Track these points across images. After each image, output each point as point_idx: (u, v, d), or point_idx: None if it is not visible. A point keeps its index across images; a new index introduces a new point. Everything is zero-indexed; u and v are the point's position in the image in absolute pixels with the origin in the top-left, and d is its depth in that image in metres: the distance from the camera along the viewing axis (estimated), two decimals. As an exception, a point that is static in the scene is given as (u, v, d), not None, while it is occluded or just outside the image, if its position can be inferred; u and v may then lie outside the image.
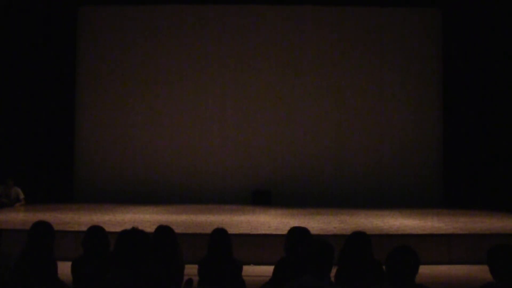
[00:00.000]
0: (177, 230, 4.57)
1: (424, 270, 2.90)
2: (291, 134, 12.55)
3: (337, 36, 12.71)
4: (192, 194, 12.17)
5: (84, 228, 7.36)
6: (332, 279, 3.52)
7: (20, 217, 8.98)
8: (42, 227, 3.94)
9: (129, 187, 12.22)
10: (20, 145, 11.74)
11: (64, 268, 3.85)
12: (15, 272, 3.01)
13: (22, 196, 10.83)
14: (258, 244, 7.06)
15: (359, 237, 3.99)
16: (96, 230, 3.96)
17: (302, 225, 4.45)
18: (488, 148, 11.63)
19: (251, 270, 5.94)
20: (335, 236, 7.05)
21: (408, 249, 2.92)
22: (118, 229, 7.23)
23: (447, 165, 12.29)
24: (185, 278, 4.22)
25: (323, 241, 3.16)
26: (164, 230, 4.33)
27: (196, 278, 4.17)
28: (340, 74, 12.67)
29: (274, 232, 7.45)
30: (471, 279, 6.18)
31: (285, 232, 4.20)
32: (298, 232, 4.08)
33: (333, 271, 3.48)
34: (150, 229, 4.23)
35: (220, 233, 4.26)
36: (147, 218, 8.97)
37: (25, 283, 2.91)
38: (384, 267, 3.02)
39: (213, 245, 4.18)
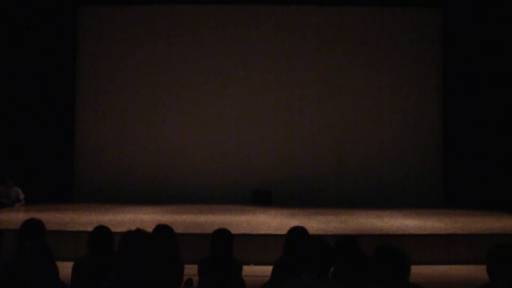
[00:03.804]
0: (177, 230, 4.57)
1: (424, 270, 2.90)
2: (291, 134, 12.55)
3: (337, 36, 12.71)
4: (192, 194, 12.17)
5: (84, 228, 7.39)
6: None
7: (20, 217, 8.97)
8: (33, 224, 3.96)
9: (129, 187, 12.23)
10: (20, 145, 11.74)
11: (64, 268, 3.86)
12: (10, 272, 3.01)
13: (22, 196, 10.84)
14: (258, 244, 7.06)
15: (346, 242, 4.01)
16: (102, 230, 3.97)
17: (302, 225, 4.45)
18: (488, 148, 11.63)
19: (251, 270, 5.94)
20: (335, 236, 7.05)
21: (393, 249, 2.92)
22: (118, 229, 7.23)
23: (447, 165, 12.29)
24: (185, 278, 4.22)
25: (321, 240, 3.17)
26: (163, 230, 4.33)
27: (196, 278, 4.18)
28: (340, 74, 12.67)
29: (274, 232, 7.46)
30: (471, 279, 6.18)
31: (285, 232, 4.21)
32: (298, 232, 4.09)
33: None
34: (150, 229, 4.22)
35: (222, 233, 4.26)
36: (147, 218, 8.98)
37: (23, 282, 2.92)
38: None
39: (214, 245, 4.19)
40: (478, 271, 6.28)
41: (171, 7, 12.72)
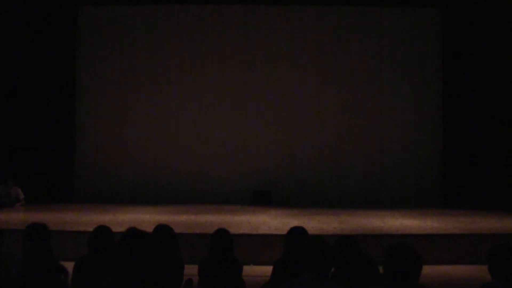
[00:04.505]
0: (177, 230, 4.57)
1: (424, 270, 2.90)
2: (291, 134, 12.55)
3: (336, 36, 12.71)
4: (192, 194, 12.16)
5: (84, 228, 7.39)
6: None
7: (20, 217, 8.98)
8: (38, 228, 3.97)
9: (129, 187, 12.23)
10: (20, 145, 11.74)
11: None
12: (18, 276, 3.02)
13: (22, 196, 10.83)
14: (258, 244, 7.06)
15: (345, 242, 4.02)
16: (102, 230, 3.97)
17: (302, 225, 4.46)
18: (488, 148, 11.63)
19: (251, 270, 5.94)
20: (335, 236, 7.05)
21: (406, 248, 2.90)
22: (118, 229, 7.21)
23: (447, 165, 12.29)
24: (185, 278, 4.23)
25: (321, 240, 3.16)
26: (163, 230, 4.34)
27: (196, 278, 4.18)
28: (340, 74, 12.67)
29: (274, 232, 7.46)
30: (471, 279, 6.18)
31: (285, 232, 4.21)
32: (298, 232, 4.10)
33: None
34: (150, 229, 4.23)
35: (221, 233, 4.26)
36: (147, 218, 8.98)
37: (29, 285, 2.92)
38: (381, 267, 3.01)
39: (214, 246, 4.19)
40: (478, 271, 6.29)
41: (171, 7, 12.71)
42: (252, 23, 12.73)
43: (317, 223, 8.49)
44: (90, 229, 4.05)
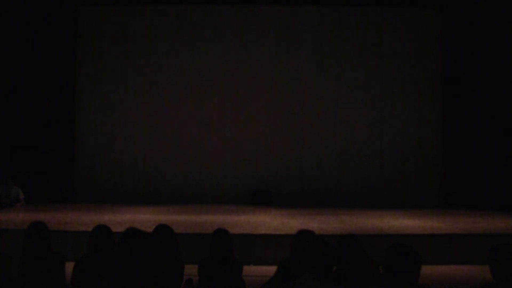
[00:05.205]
0: (177, 230, 4.57)
1: (424, 270, 2.90)
2: (291, 134, 12.55)
3: (337, 36, 12.71)
4: (192, 194, 12.17)
5: (84, 228, 7.39)
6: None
7: (20, 217, 8.98)
8: (39, 227, 3.97)
9: (129, 187, 12.23)
10: (20, 145, 11.74)
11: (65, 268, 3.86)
12: (18, 276, 3.03)
13: (22, 196, 10.83)
14: (258, 244, 7.05)
15: (349, 240, 4.02)
16: (102, 230, 3.97)
17: (302, 225, 4.46)
18: (488, 148, 11.62)
19: (251, 270, 5.93)
20: (335, 236, 7.05)
21: (407, 248, 2.90)
22: (118, 229, 7.20)
23: (447, 165, 12.29)
24: (185, 278, 4.22)
25: (322, 240, 3.16)
26: (163, 230, 4.34)
27: (196, 278, 4.18)
28: (340, 74, 12.67)
29: (274, 232, 7.45)
30: (471, 279, 6.18)
31: (284, 232, 4.22)
32: (307, 235, 4.09)
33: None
34: (150, 229, 4.23)
35: (221, 233, 4.26)
36: (147, 218, 8.98)
37: (29, 284, 2.92)
38: (381, 267, 3.01)
39: (214, 246, 4.19)
40: (478, 271, 6.29)
41: (171, 7, 12.72)
42: (252, 24, 12.73)
43: (317, 223, 8.48)
44: (90, 229, 4.05)
